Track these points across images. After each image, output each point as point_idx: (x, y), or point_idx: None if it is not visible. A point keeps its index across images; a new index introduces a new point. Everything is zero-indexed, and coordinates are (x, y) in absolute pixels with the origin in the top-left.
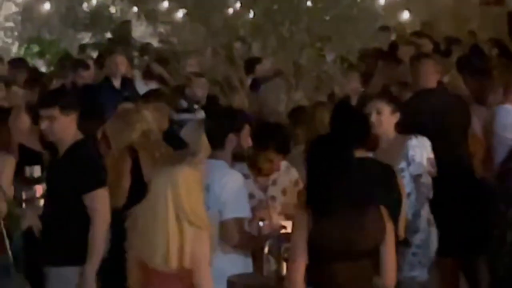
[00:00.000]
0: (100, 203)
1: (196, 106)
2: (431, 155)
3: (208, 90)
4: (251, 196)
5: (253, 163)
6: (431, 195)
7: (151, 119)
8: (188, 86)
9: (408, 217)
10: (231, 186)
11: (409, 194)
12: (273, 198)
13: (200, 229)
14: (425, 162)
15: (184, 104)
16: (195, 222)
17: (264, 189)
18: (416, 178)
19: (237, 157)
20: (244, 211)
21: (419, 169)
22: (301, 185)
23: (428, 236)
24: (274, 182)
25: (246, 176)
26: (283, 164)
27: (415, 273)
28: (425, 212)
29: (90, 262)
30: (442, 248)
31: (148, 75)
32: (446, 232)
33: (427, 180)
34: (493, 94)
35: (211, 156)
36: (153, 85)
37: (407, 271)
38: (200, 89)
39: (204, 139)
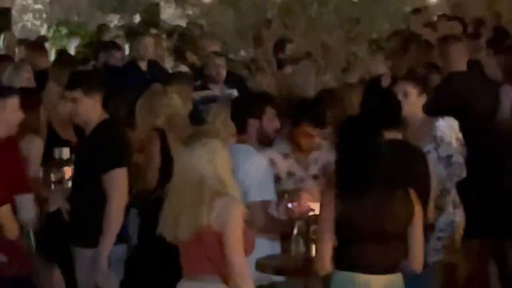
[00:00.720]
0: (117, 183)
1: (215, 86)
2: (460, 135)
3: (236, 71)
4: (290, 174)
5: (292, 141)
6: (464, 174)
7: (178, 102)
8: (208, 66)
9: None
10: (256, 169)
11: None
12: (315, 176)
13: (232, 198)
14: (454, 142)
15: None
16: (227, 192)
17: (306, 168)
18: (447, 159)
19: (263, 141)
20: (269, 194)
21: (449, 150)
22: None
23: (453, 219)
24: (316, 161)
25: (285, 156)
26: (326, 143)
27: (440, 257)
28: (452, 194)
29: (103, 242)
30: (469, 229)
31: (176, 57)
32: (473, 213)
33: (458, 159)
34: None
35: (236, 141)
36: (182, 68)
37: (433, 256)
38: (220, 69)
39: (229, 122)
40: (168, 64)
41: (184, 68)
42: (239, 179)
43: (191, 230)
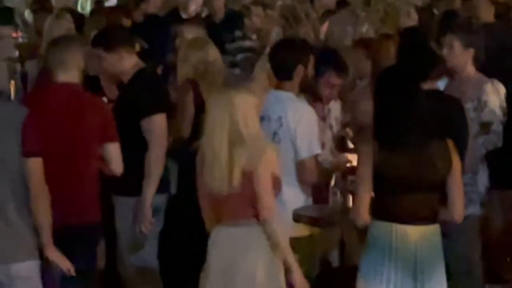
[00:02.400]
0: (157, 129)
1: (253, 36)
2: (504, 103)
3: (274, 22)
4: None
5: (314, 92)
6: (500, 143)
7: (215, 53)
8: (246, 16)
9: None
10: (306, 121)
11: None
12: (330, 126)
13: (261, 146)
14: (498, 110)
15: (238, 33)
16: (251, 145)
17: (323, 119)
18: (484, 124)
19: (305, 88)
20: (318, 147)
21: (491, 116)
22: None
23: (476, 172)
24: (329, 111)
25: None
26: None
27: (468, 212)
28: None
29: (146, 190)
30: (495, 180)
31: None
32: (498, 165)
33: (498, 128)
34: None
35: (279, 87)
36: None
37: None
38: (257, 18)
39: (263, 70)
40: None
41: None
42: (288, 127)
43: (231, 179)
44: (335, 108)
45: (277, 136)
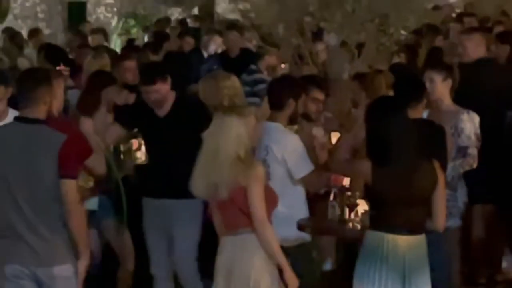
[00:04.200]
0: None
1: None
2: (478, 130)
3: (281, 59)
4: None
5: (304, 114)
6: (475, 165)
7: (238, 84)
8: (262, 54)
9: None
10: (291, 148)
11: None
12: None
13: (252, 164)
14: (473, 136)
15: (253, 67)
16: (243, 161)
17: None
18: (461, 148)
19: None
20: (310, 166)
21: (467, 142)
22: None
23: (455, 189)
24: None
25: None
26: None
27: (448, 224)
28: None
29: None
30: (473, 196)
31: None
32: (476, 181)
33: (473, 151)
34: None
35: (270, 118)
36: None
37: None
38: (270, 57)
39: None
40: None
41: None
42: (274, 155)
43: (227, 189)
44: (318, 132)
45: (266, 162)
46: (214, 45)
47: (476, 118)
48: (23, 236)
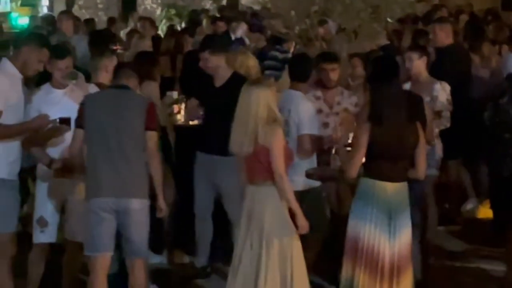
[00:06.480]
0: None
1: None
2: (449, 97)
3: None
4: (319, 111)
5: (319, 82)
6: (449, 124)
7: (252, 60)
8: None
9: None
10: (305, 111)
11: None
12: (336, 113)
13: (275, 127)
14: (445, 101)
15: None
16: (271, 123)
17: (331, 106)
18: (437, 112)
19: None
20: (316, 130)
21: (441, 106)
22: (357, 107)
23: (434, 146)
24: (339, 103)
25: (317, 98)
26: (346, 92)
27: (427, 173)
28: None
29: None
30: (447, 153)
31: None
32: (450, 141)
33: (446, 114)
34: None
35: (292, 87)
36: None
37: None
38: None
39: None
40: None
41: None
42: (293, 118)
43: (251, 146)
44: (346, 101)
45: (288, 122)
46: (241, 30)
47: (448, 87)
48: (112, 171)
